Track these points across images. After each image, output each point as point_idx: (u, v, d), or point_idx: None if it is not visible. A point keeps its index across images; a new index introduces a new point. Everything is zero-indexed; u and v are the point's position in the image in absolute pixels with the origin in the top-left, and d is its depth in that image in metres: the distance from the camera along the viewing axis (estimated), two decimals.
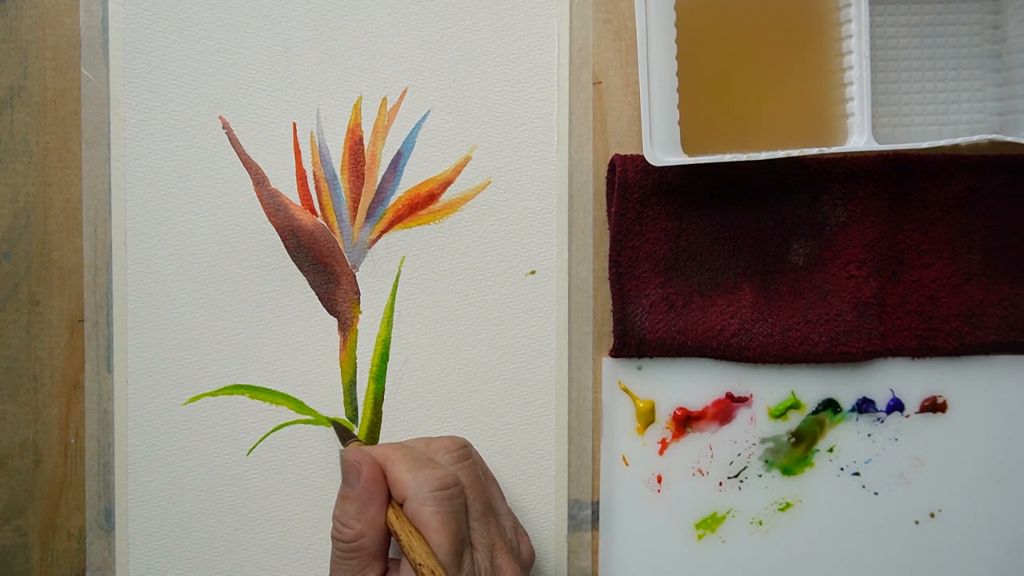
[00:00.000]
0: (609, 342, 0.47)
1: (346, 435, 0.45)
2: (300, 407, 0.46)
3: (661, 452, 0.47)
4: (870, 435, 0.47)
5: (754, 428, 0.47)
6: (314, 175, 0.46)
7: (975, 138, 0.44)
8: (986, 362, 0.48)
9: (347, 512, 0.40)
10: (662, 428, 0.47)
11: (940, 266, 0.46)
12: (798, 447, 0.47)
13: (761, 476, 0.47)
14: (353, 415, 0.46)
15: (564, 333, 0.46)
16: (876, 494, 0.48)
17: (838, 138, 0.45)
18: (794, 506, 0.47)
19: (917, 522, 0.48)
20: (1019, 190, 0.47)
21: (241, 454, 0.46)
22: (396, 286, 0.46)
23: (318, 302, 0.46)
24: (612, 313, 0.46)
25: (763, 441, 0.47)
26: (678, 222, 0.46)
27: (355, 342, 0.46)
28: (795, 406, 0.47)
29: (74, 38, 0.45)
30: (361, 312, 0.46)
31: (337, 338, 0.46)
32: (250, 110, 0.46)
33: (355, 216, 0.46)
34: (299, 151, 0.46)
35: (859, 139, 0.44)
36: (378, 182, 0.46)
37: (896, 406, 0.47)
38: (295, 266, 0.46)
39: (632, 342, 0.46)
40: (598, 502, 0.47)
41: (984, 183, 0.46)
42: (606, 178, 0.47)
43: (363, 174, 0.46)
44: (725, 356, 0.46)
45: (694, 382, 0.47)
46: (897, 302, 0.46)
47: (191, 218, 0.45)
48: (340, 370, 0.46)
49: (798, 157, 0.45)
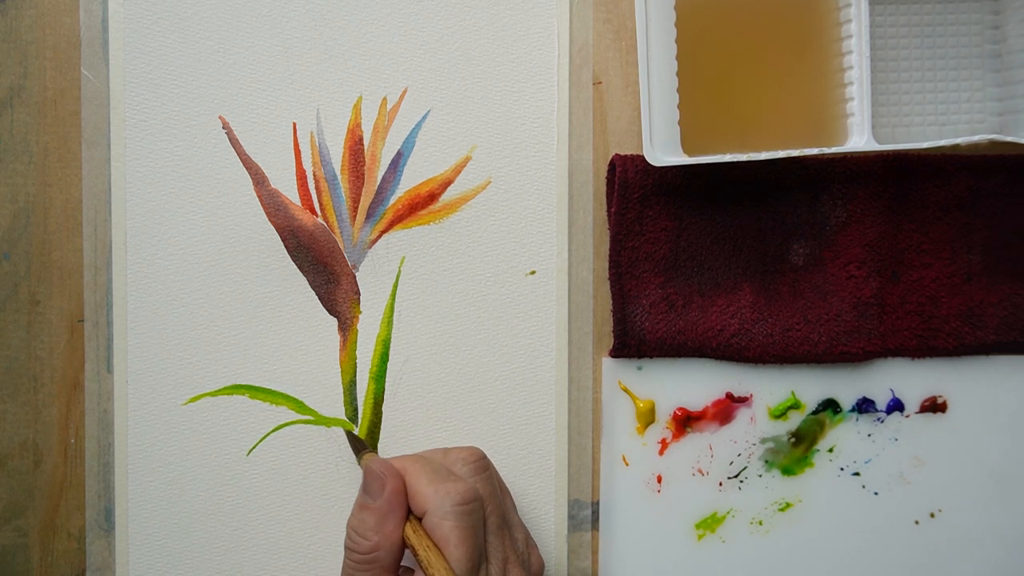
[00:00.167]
0: (609, 342, 0.47)
1: (360, 446, 0.45)
2: (300, 407, 0.46)
3: (661, 452, 0.47)
4: (870, 435, 0.47)
5: (754, 428, 0.47)
6: (314, 175, 0.46)
7: (975, 138, 0.44)
8: (986, 362, 0.48)
9: (365, 523, 0.39)
10: (662, 428, 0.47)
11: (940, 266, 0.46)
12: (798, 447, 0.47)
13: (761, 476, 0.47)
14: (353, 415, 0.46)
15: (564, 333, 0.46)
16: (876, 494, 0.48)
17: (838, 138, 0.45)
18: (794, 506, 0.47)
19: (917, 522, 0.48)
20: (1019, 190, 0.46)
21: (241, 454, 0.46)
22: (396, 286, 0.46)
23: (318, 302, 0.46)
24: (612, 313, 0.46)
25: (763, 441, 0.47)
26: (678, 222, 0.46)
27: (355, 342, 0.46)
28: (795, 406, 0.47)
29: (74, 38, 0.45)
30: (361, 312, 0.46)
31: (337, 338, 0.46)
32: (250, 110, 0.46)
33: (355, 216, 0.46)
34: (299, 151, 0.46)
35: (859, 139, 0.44)
36: (378, 182, 0.46)
37: (896, 406, 0.47)
38: (295, 266, 0.46)
39: (632, 342, 0.46)
40: (598, 502, 0.47)
41: (984, 183, 0.46)
42: (606, 178, 0.47)
43: (363, 174, 0.46)
44: (725, 356, 0.46)
45: (694, 382, 0.47)
46: (897, 302, 0.46)
47: (191, 218, 0.45)
48: (340, 370, 0.46)
49: (798, 157, 0.45)
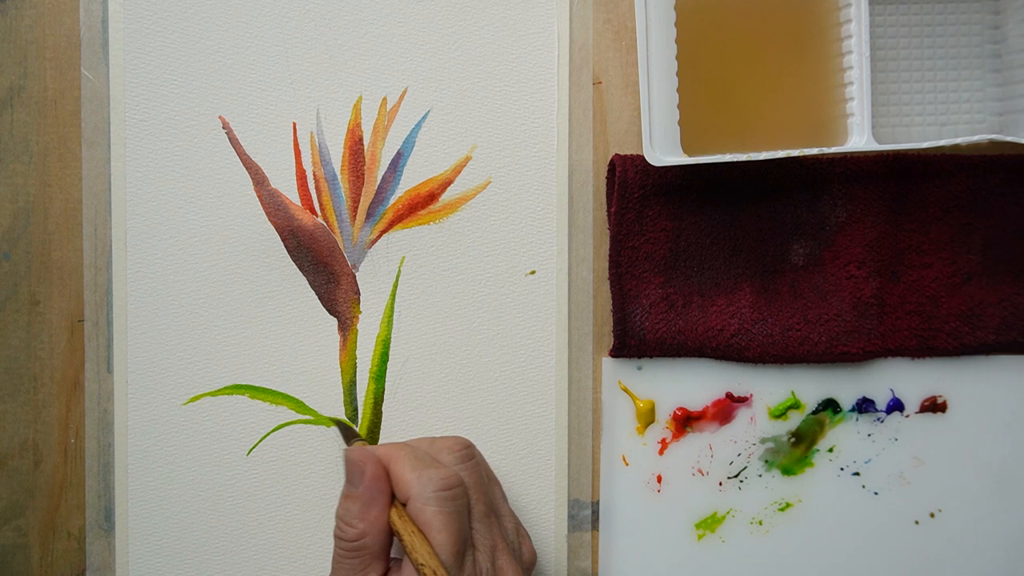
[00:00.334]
0: (609, 342, 0.47)
1: (350, 434, 0.45)
2: (300, 407, 0.46)
3: (661, 452, 0.47)
4: (870, 435, 0.47)
5: (754, 428, 0.47)
6: (314, 175, 0.46)
7: (975, 138, 0.44)
8: (986, 362, 0.48)
9: (350, 511, 0.40)
10: (662, 428, 0.47)
11: (940, 266, 0.46)
12: (798, 447, 0.47)
13: (761, 476, 0.47)
14: (353, 415, 0.46)
15: (564, 333, 0.46)
16: (876, 494, 0.48)
17: (838, 138, 0.45)
18: (794, 506, 0.47)
19: (917, 522, 0.48)
20: (1019, 190, 0.47)
21: (241, 454, 0.46)
22: (396, 286, 0.46)
23: (318, 302, 0.46)
24: (612, 313, 0.46)
25: (763, 441, 0.47)
26: (678, 222, 0.46)
27: (355, 342, 0.46)
28: (795, 406, 0.47)
29: (74, 38, 0.45)
30: (361, 312, 0.46)
31: (337, 338, 0.46)
32: (250, 110, 0.46)
33: (355, 216, 0.46)
34: (299, 151, 0.46)
35: (859, 139, 0.44)
36: (378, 182, 0.46)
37: (896, 406, 0.47)
38: (295, 266, 0.46)
39: (632, 342, 0.46)
40: (598, 502, 0.47)
41: (984, 183, 0.46)
42: (606, 178, 0.47)
43: (363, 174, 0.46)
44: (725, 356, 0.46)
45: (694, 382, 0.47)
46: (897, 302, 0.46)
47: (191, 218, 0.45)
48: (340, 370, 0.46)
49: (798, 157, 0.45)
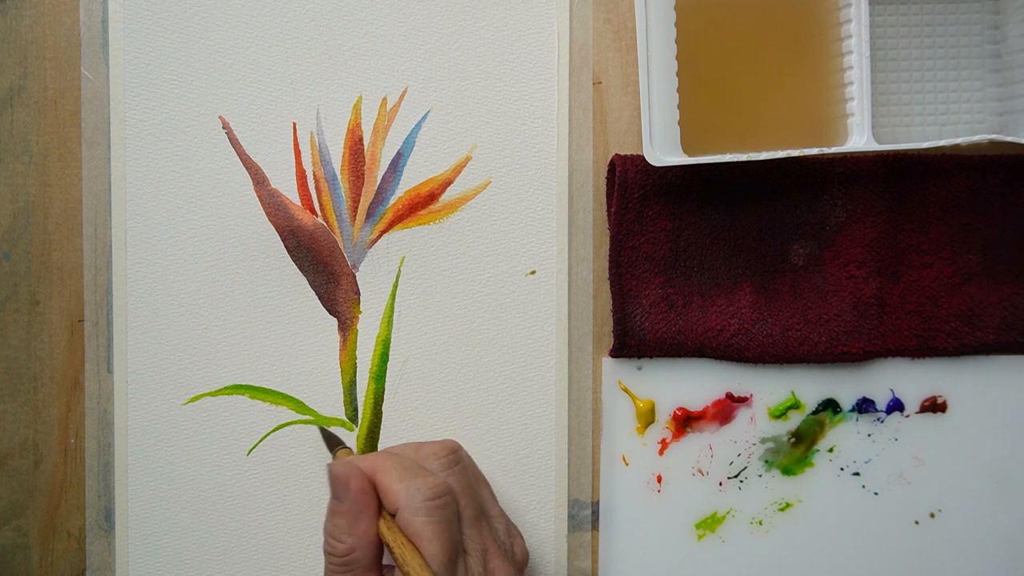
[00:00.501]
0: (609, 342, 0.47)
1: (334, 442, 0.45)
2: (300, 407, 0.46)
3: (661, 452, 0.47)
4: (870, 435, 0.47)
5: (754, 428, 0.47)
6: (314, 175, 0.46)
7: (975, 138, 0.44)
8: (986, 362, 0.48)
9: (338, 526, 0.39)
10: (662, 428, 0.47)
11: (940, 266, 0.46)
12: (798, 447, 0.47)
13: (761, 476, 0.47)
14: (353, 415, 0.46)
15: (564, 333, 0.46)
16: (876, 494, 0.48)
17: (838, 138, 0.45)
18: (794, 506, 0.47)
19: (917, 522, 0.48)
20: (1019, 190, 0.47)
21: (241, 454, 0.46)
22: (396, 286, 0.46)
23: (318, 302, 0.46)
24: (612, 313, 0.46)
25: (763, 441, 0.47)
26: (678, 222, 0.46)
27: (355, 342, 0.46)
28: (795, 406, 0.47)
29: (74, 38, 0.45)
30: (361, 312, 0.46)
31: (337, 338, 0.46)
32: (250, 110, 0.46)
33: (355, 216, 0.46)
34: (299, 151, 0.46)
35: (859, 139, 0.44)
36: (378, 182, 0.46)
37: (896, 406, 0.47)
38: (295, 266, 0.46)
39: (632, 342, 0.46)
40: (598, 502, 0.47)
41: (984, 183, 0.46)
42: (606, 178, 0.47)
43: (363, 174, 0.46)
44: (725, 356, 0.46)
45: (694, 382, 0.47)
46: (897, 302, 0.46)
47: (191, 218, 0.45)
48: (340, 370, 0.46)
49: (798, 157, 0.45)
